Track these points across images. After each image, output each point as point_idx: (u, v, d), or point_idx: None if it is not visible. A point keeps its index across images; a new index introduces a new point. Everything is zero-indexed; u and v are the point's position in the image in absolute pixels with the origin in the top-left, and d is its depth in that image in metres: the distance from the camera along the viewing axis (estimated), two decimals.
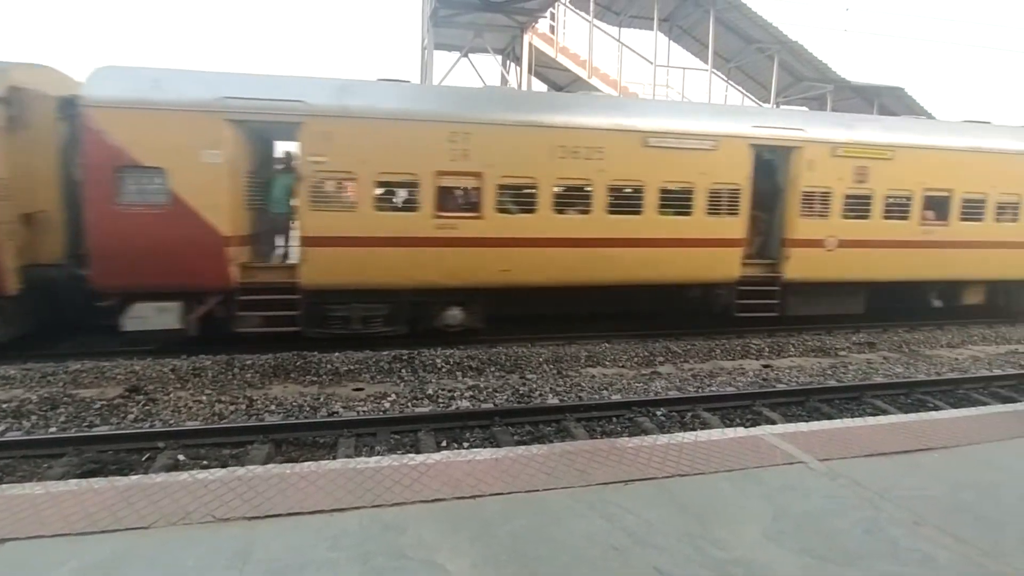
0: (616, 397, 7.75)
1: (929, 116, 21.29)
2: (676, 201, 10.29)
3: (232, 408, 7.05)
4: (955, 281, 12.54)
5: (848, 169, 10.95)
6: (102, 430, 6.32)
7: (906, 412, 7.12)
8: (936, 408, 7.72)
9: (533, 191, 9.60)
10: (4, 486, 4.00)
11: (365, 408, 7.19)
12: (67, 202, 8.48)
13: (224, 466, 5.42)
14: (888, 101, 22.77)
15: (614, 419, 7.11)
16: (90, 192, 8.05)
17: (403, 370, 8.60)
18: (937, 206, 11.83)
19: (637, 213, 10.05)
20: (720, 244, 10.56)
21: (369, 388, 7.88)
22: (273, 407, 7.12)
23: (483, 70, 23.04)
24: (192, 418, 6.77)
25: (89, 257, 8.14)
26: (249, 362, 8.53)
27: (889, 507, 3.87)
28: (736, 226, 10.61)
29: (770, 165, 11.22)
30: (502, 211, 9.51)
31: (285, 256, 10.06)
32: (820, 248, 11.00)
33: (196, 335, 8.81)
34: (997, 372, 9.36)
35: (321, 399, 7.41)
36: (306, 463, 4.29)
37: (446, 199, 9.38)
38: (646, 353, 9.85)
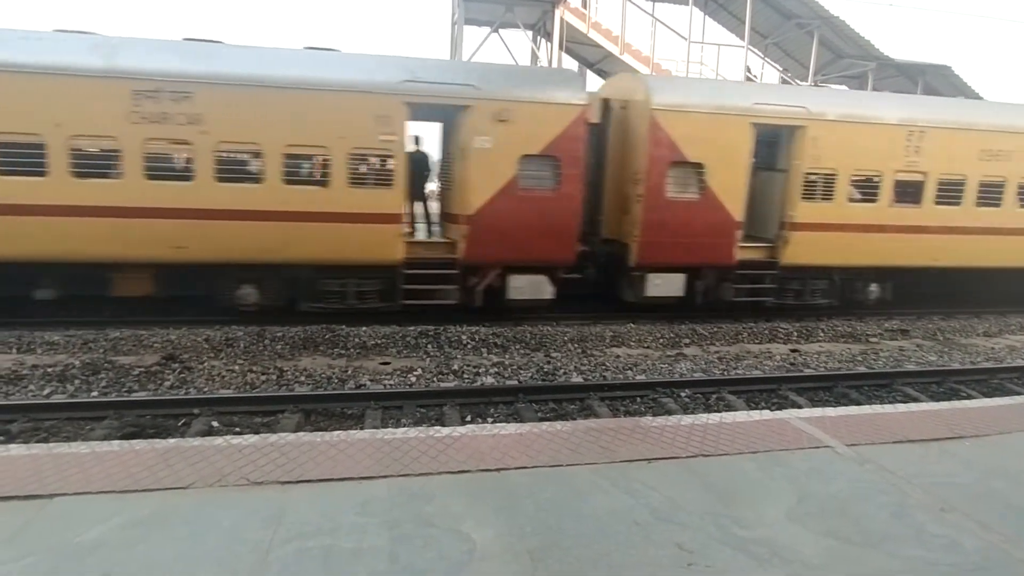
0: (640, 377, 7.74)
1: (977, 97, 20.40)
2: None
3: (263, 378, 7.25)
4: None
5: None
6: (141, 395, 6.58)
7: (938, 400, 6.98)
8: (969, 397, 7.55)
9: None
10: (51, 444, 4.21)
11: (392, 381, 7.32)
12: None
13: (256, 433, 5.59)
14: (934, 80, 21.82)
15: (638, 399, 7.12)
16: None
17: (429, 345, 8.71)
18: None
19: None
20: None
21: (396, 362, 8.01)
22: (303, 378, 7.30)
23: (513, 46, 22.76)
24: (225, 386, 6.98)
25: None
26: (280, 334, 8.74)
27: (917, 493, 3.82)
28: None
29: None
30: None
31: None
32: None
33: None
34: None
35: (349, 372, 7.57)
36: (335, 432, 4.41)
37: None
38: (672, 335, 9.80)
